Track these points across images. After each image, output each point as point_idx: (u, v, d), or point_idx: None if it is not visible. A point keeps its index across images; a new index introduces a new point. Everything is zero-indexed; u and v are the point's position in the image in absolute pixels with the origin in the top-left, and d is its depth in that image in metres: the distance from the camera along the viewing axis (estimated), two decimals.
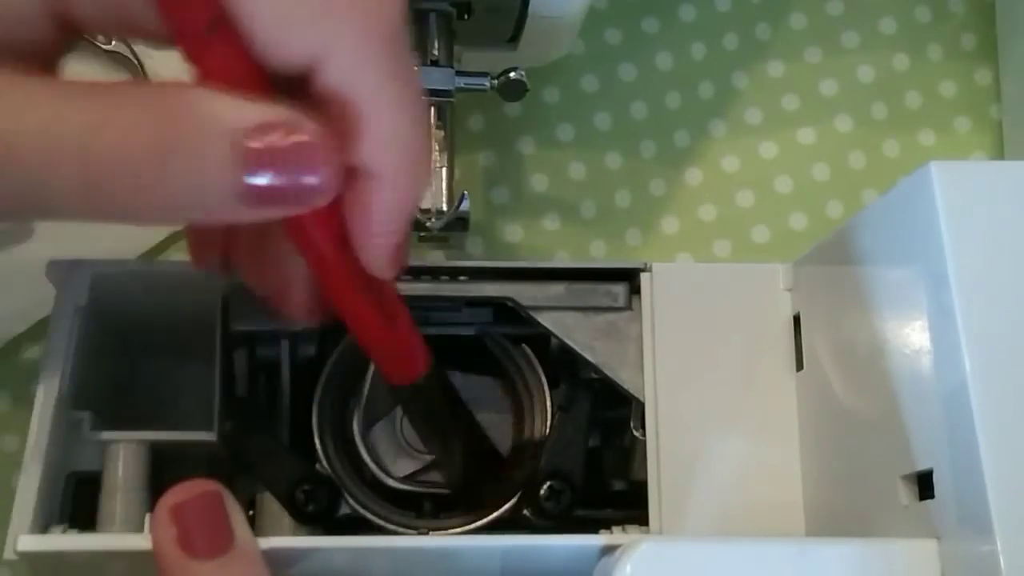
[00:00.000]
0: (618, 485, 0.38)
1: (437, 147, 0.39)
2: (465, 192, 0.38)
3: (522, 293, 0.36)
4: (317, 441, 0.36)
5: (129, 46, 0.42)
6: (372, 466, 0.36)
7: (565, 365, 0.37)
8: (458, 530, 0.35)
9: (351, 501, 0.35)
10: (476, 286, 0.36)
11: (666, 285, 0.37)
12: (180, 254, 0.44)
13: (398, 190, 0.25)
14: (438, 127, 0.39)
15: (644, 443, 0.35)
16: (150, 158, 0.22)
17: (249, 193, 0.23)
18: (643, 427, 0.35)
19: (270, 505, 0.35)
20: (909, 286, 0.30)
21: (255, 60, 0.24)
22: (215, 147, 0.23)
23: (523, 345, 0.37)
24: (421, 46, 0.39)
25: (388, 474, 0.36)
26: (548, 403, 0.37)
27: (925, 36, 0.50)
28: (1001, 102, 0.49)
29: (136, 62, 0.42)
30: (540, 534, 0.33)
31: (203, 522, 0.28)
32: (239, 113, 0.23)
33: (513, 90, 0.40)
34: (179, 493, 0.29)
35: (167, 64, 0.42)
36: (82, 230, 0.30)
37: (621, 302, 0.36)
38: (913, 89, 0.49)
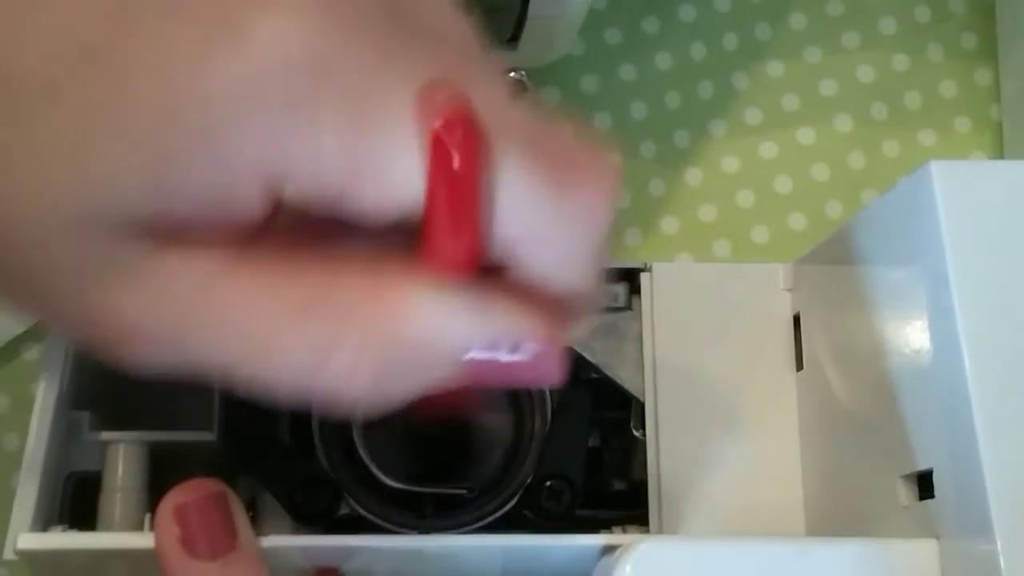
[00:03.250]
0: (618, 485, 0.38)
1: None
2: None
3: None
4: (317, 441, 0.36)
5: None
6: (372, 466, 0.36)
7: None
8: (458, 530, 0.35)
9: (351, 501, 0.35)
10: None
11: (666, 285, 0.37)
12: None
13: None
14: None
15: (644, 443, 0.35)
16: (368, 386, 0.22)
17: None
18: (643, 427, 0.35)
19: (270, 505, 0.35)
20: (909, 286, 0.30)
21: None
22: (437, 369, 0.22)
23: None
24: None
25: (388, 474, 0.36)
26: (548, 403, 0.37)
27: (925, 36, 0.50)
28: (1001, 102, 0.49)
29: None
30: (540, 534, 0.33)
31: (206, 522, 0.28)
32: (465, 332, 0.22)
33: (514, 91, 0.40)
34: (183, 493, 0.29)
35: None
36: None
37: (621, 302, 0.37)
38: (913, 89, 0.49)
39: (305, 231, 0.22)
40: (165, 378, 0.23)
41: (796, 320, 0.37)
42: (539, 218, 0.22)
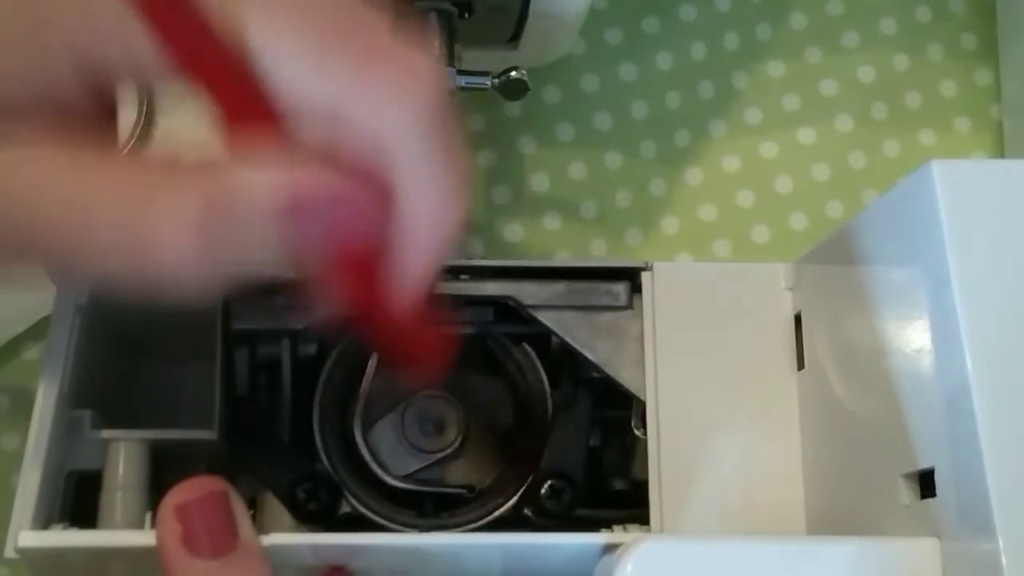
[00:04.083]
0: (619, 484, 0.38)
1: None
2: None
3: (523, 292, 0.36)
4: (318, 440, 0.36)
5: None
6: (373, 465, 0.36)
7: (566, 364, 0.37)
8: (459, 529, 0.35)
9: (352, 500, 0.35)
10: (477, 285, 0.36)
11: (667, 284, 0.37)
12: None
13: (429, 238, 0.25)
14: None
15: (645, 442, 0.35)
16: (196, 247, 0.23)
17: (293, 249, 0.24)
18: (644, 426, 0.35)
19: (271, 504, 0.35)
20: (910, 285, 0.30)
21: (270, 97, 0.24)
22: (258, 225, 0.23)
23: (524, 344, 0.37)
24: None
25: (389, 473, 0.36)
26: (549, 402, 0.37)
27: (925, 36, 0.50)
28: (1001, 102, 0.49)
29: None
30: (541, 533, 0.33)
31: (208, 521, 0.28)
32: (269, 174, 0.23)
33: (514, 89, 0.40)
34: (184, 491, 0.29)
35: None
36: None
37: (622, 301, 0.37)
38: (913, 89, 0.49)
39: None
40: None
41: (797, 319, 0.37)
42: (334, 88, 0.23)
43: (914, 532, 0.29)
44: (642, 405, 0.35)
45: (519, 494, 0.36)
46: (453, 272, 0.36)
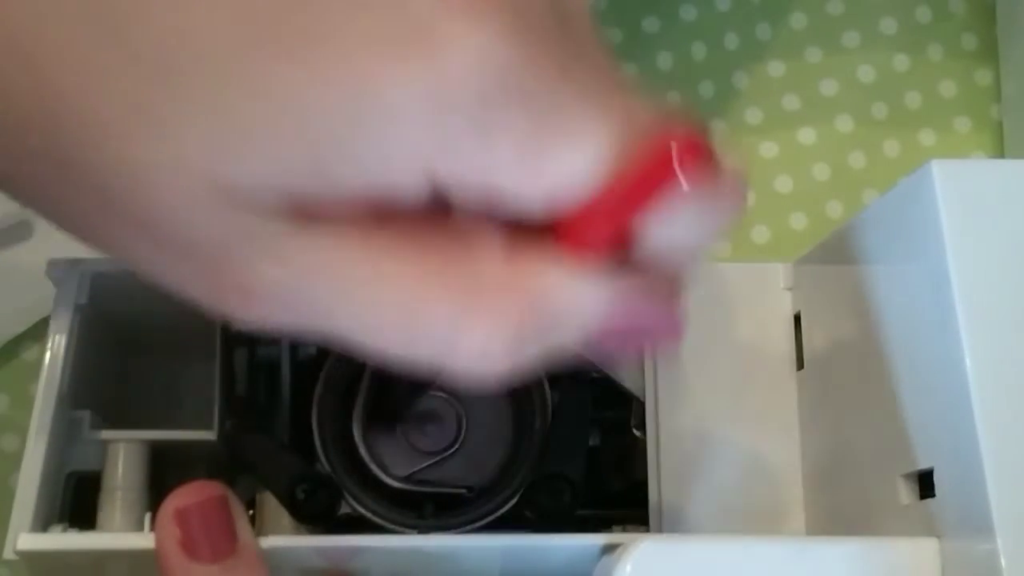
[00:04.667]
0: (618, 484, 0.38)
1: None
2: None
3: None
4: (317, 440, 0.36)
5: None
6: (372, 466, 0.36)
7: (565, 364, 0.37)
8: (458, 530, 0.35)
9: (351, 501, 0.35)
10: None
11: None
12: None
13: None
14: None
15: (644, 442, 0.35)
16: (500, 358, 0.22)
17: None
18: (643, 426, 0.35)
19: (270, 504, 0.35)
20: (910, 285, 0.30)
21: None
22: (567, 337, 0.23)
23: None
24: None
25: (388, 473, 0.36)
26: (548, 402, 0.37)
27: (925, 36, 0.50)
28: (1001, 102, 0.49)
29: None
30: (540, 534, 0.33)
31: (207, 526, 0.28)
32: (595, 295, 0.22)
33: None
34: (184, 496, 0.29)
35: None
36: None
37: None
38: (913, 89, 0.49)
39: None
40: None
41: (797, 319, 0.37)
42: (683, 219, 0.22)
43: (913, 532, 0.29)
44: (641, 405, 0.35)
45: (519, 494, 0.35)
46: None
